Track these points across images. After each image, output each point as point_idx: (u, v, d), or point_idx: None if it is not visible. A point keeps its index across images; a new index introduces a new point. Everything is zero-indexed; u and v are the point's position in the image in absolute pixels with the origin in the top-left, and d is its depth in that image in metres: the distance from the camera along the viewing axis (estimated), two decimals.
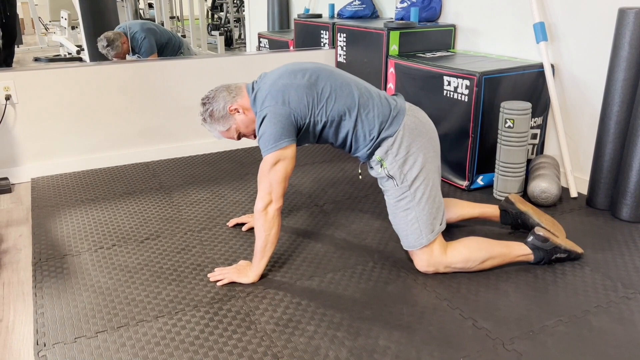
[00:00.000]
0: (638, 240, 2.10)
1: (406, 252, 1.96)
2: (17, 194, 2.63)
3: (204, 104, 1.88)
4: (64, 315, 1.65)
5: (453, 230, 2.12)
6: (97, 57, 3.68)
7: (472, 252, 1.81)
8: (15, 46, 3.92)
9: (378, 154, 1.81)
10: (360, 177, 2.08)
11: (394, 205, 1.82)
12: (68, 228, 2.23)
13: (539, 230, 1.86)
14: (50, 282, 1.83)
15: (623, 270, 1.88)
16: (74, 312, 1.66)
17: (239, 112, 1.84)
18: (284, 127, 1.73)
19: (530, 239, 1.87)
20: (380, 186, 1.88)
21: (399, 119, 1.79)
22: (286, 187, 1.77)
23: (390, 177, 1.80)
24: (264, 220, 1.75)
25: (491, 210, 2.11)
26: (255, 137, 1.90)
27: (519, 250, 1.86)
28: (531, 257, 1.87)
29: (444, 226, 1.83)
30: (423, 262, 1.82)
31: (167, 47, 3.71)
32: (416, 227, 1.78)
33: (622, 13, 2.12)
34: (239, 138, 1.92)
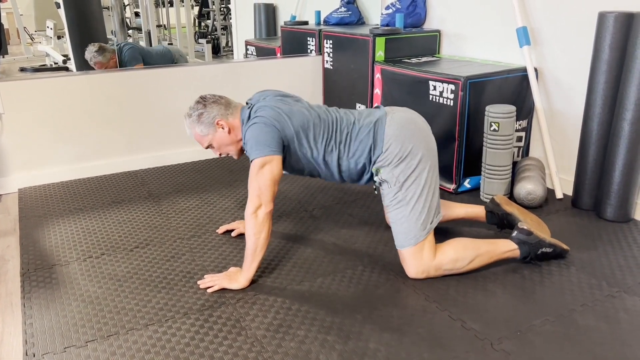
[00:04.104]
0: (622, 239, 2.13)
1: (395, 255, 1.98)
2: (4, 205, 2.62)
3: (198, 103, 1.93)
4: (53, 325, 1.64)
5: (440, 232, 2.14)
6: (84, 66, 3.67)
7: (459, 252, 1.84)
8: (1, 56, 3.91)
9: (375, 167, 1.87)
10: (376, 192, 2.16)
11: (388, 204, 1.86)
12: (56, 238, 2.22)
13: (522, 225, 1.90)
14: (39, 293, 1.82)
15: (608, 269, 1.91)
16: (63, 322, 1.66)
17: (223, 128, 1.90)
18: (273, 136, 1.80)
19: (514, 233, 1.90)
20: (382, 191, 1.91)
21: (381, 136, 1.83)
22: (275, 191, 1.80)
23: (384, 181, 1.84)
24: (253, 224, 1.76)
25: (477, 211, 2.14)
26: (220, 155, 2.00)
27: (505, 246, 1.89)
28: (517, 253, 1.89)
29: (435, 223, 1.84)
30: (412, 268, 1.83)
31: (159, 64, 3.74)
32: (406, 226, 1.80)
33: (602, 17, 2.16)
34: (206, 147, 1.97)
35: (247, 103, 1.98)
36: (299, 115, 1.86)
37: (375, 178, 1.87)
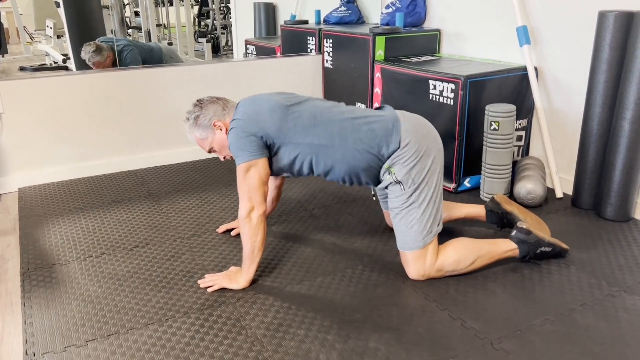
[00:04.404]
0: (622, 238, 2.13)
1: (396, 254, 1.98)
2: (4, 204, 2.62)
3: (195, 106, 1.90)
4: (53, 325, 1.64)
5: (440, 232, 2.14)
6: (83, 65, 3.67)
7: (460, 253, 1.83)
8: (1, 55, 3.90)
9: (386, 164, 1.79)
10: (374, 198, 2.09)
11: (397, 207, 1.80)
12: (56, 237, 2.22)
13: (521, 224, 1.90)
14: (39, 292, 1.82)
15: (607, 268, 1.91)
16: (63, 321, 1.66)
17: (221, 130, 1.86)
18: (251, 141, 1.76)
19: (513, 233, 1.90)
20: (384, 190, 1.87)
21: (397, 130, 1.77)
22: (266, 191, 1.78)
23: (398, 182, 1.78)
24: (248, 227, 1.75)
25: (477, 211, 2.14)
26: (224, 159, 1.95)
27: (504, 245, 1.89)
28: (517, 252, 1.89)
29: (440, 227, 1.83)
30: (414, 271, 1.82)
31: (146, 62, 3.71)
32: (416, 229, 1.78)
33: (602, 16, 2.16)
34: (209, 151, 1.94)
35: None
36: (279, 109, 1.78)
37: (387, 177, 1.79)
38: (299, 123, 1.78)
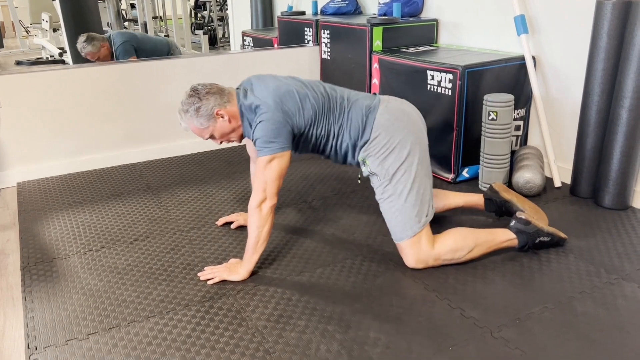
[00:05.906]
0: (620, 227, 2.14)
1: (395, 245, 1.99)
2: (3, 199, 2.62)
3: (191, 96, 1.84)
4: (54, 318, 1.65)
5: (439, 221, 2.15)
6: (80, 59, 3.66)
7: (458, 241, 1.84)
8: None
9: (361, 155, 1.87)
10: (360, 182, 2.14)
11: (379, 198, 1.86)
12: (56, 231, 2.22)
13: (520, 214, 1.90)
14: (40, 286, 1.83)
15: (606, 256, 1.92)
16: (64, 314, 1.66)
17: (223, 118, 1.84)
18: (281, 132, 1.77)
19: (512, 223, 1.90)
20: (371, 184, 1.92)
21: (370, 122, 1.84)
22: (280, 185, 1.79)
23: (373, 174, 1.84)
24: (257, 217, 1.76)
25: (476, 199, 2.15)
26: (221, 143, 1.95)
27: (503, 235, 1.89)
28: (516, 242, 1.90)
29: (430, 217, 1.84)
30: (411, 257, 1.83)
31: (154, 54, 3.69)
32: (400, 220, 1.81)
33: (600, 5, 2.15)
34: (207, 139, 1.92)
35: (241, 87, 1.90)
36: (303, 99, 1.82)
37: (363, 169, 1.88)
38: (313, 113, 1.84)
